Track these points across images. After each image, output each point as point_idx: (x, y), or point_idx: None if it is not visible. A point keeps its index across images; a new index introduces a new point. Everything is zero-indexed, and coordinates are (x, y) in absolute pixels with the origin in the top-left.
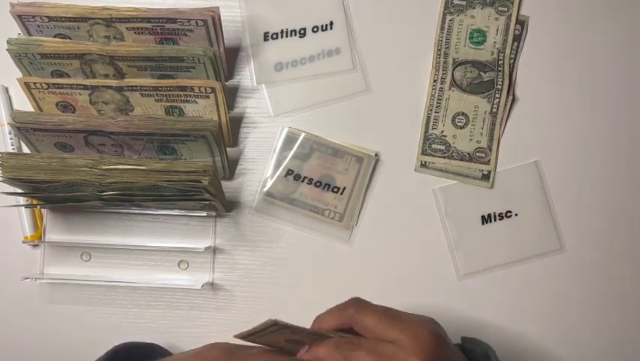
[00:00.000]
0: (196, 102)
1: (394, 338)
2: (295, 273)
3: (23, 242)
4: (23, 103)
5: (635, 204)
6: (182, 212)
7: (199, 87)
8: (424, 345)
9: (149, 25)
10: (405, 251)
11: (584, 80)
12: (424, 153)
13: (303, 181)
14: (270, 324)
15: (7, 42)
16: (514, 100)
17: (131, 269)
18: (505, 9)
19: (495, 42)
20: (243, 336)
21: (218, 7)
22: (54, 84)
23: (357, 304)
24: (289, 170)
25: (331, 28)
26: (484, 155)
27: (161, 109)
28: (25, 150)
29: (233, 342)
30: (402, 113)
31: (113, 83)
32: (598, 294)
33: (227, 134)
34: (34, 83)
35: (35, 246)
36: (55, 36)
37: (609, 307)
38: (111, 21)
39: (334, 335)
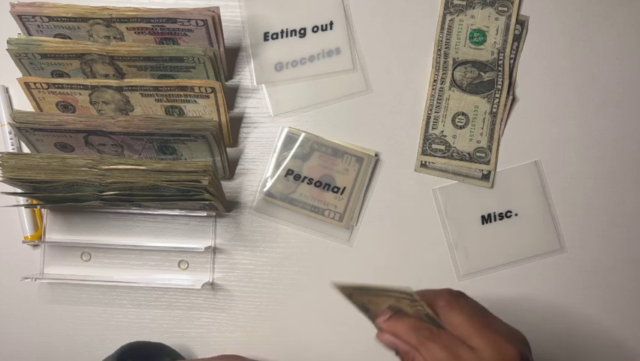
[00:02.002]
0: (196, 102)
1: (477, 345)
2: (295, 273)
3: (23, 242)
4: (23, 103)
5: (635, 203)
6: (182, 212)
7: (199, 87)
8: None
9: (149, 25)
10: (405, 251)
11: (583, 80)
12: (424, 153)
13: (303, 181)
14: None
15: (7, 42)
16: (514, 100)
17: (131, 269)
18: (505, 9)
19: (495, 42)
20: (348, 286)
21: (218, 7)
22: (54, 84)
23: (451, 296)
24: (289, 170)
25: (331, 28)
26: (484, 155)
27: (161, 109)
28: (25, 150)
29: (239, 353)
30: (402, 113)
31: (113, 83)
32: (598, 293)
33: (227, 134)
34: (34, 83)
35: (35, 246)
36: (55, 36)
37: (609, 307)
38: (111, 21)
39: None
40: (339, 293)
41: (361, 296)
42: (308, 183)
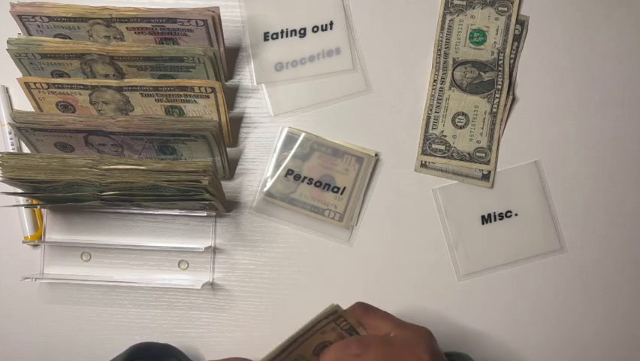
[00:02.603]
0: (196, 102)
1: (400, 333)
2: (295, 273)
3: (23, 242)
4: (23, 103)
5: (635, 203)
6: (182, 212)
7: (199, 87)
8: (426, 338)
9: (149, 25)
10: (405, 251)
11: (583, 80)
12: (424, 153)
13: (303, 181)
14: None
15: (7, 42)
16: (514, 100)
17: (131, 269)
18: (505, 9)
19: (495, 42)
20: (272, 358)
21: (218, 7)
22: (54, 84)
23: (362, 305)
24: (289, 170)
25: (331, 28)
26: (484, 155)
27: (161, 109)
28: (25, 150)
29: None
30: (402, 113)
31: (113, 83)
32: (598, 294)
33: (227, 134)
34: (34, 83)
35: (35, 246)
36: (55, 36)
37: (609, 307)
38: (111, 21)
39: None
40: None
41: (288, 357)
42: (308, 183)
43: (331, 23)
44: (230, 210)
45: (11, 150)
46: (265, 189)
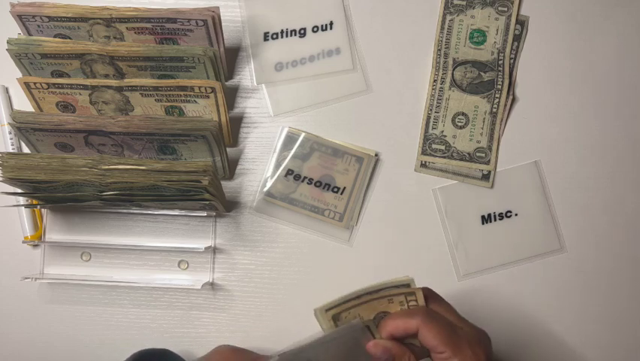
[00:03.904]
0: (196, 102)
1: (463, 326)
2: (295, 273)
3: (23, 242)
4: (23, 103)
5: (635, 203)
6: (182, 212)
7: (199, 87)
8: (485, 340)
9: (149, 25)
10: (405, 251)
11: (584, 80)
12: (424, 153)
13: (303, 181)
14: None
15: (7, 42)
16: (514, 100)
17: (131, 269)
18: (505, 9)
19: (495, 42)
20: (332, 307)
21: (218, 7)
22: (54, 84)
23: (430, 292)
24: (289, 170)
25: (331, 28)
26: (484, 155)
27: (161, 109)
28: (25, 150)
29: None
30: (402, 113)
31: (113, 83)
32: (598, 293)
33: (227, 134)
34: (34, 83)
35: (35, 246)
36: (55, 36)
37: (609, 307)
38: (111, 21)
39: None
40: (323, 320)
41: (349, 310)
42: (308, 183)
43: (331, 23)
44: (230, 210)
45: (11, 150)
46: (265, 189)
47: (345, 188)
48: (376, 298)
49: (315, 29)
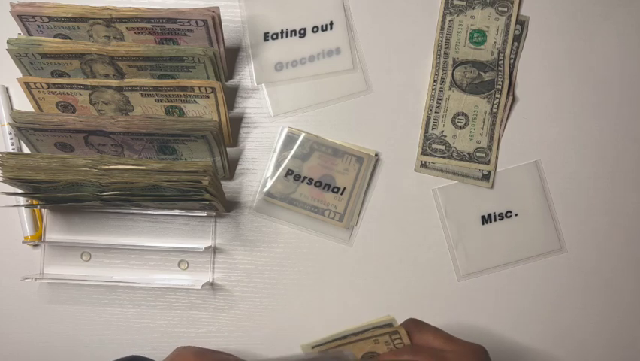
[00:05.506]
0: (196, 102)
1: (452, 349)
2: (295, 273)
3: (23, 242)
4: (23, 103)
5: (635, 203)
6: (182, 212)
7: (199, 87)
8: (480, 357)
9: (149, 25)
10: (405, 251)
11: (583, 80)
12: (424, 153)
13: (303, 181)
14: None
15: (7, 42)
16: (514, 100)
17: (131, 269)
18: (505, 9)
19: (495, 42)
20: (319, 345)
21: (218, 7)
22: (54, 84)
23: (415, 321)
24: (289, 170)
25: (331, 28)
26: (484, 155)
27: (161, 109)
28: (25, 150)
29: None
30: (402, 113)
31: (113, 83)
32: (598, 293)
33: (227, 134)
34: (34, 83)
35: (35, 246)
36: (55, 36)
37: (609, 307)
38: (111, 21)
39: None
40: (309, 352)
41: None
42: (308, 183)
43: (331, 23)
44: (230, 210)
45: (11, 150)
46: (265, 189)
47: (345, 188)
48: (361, 338)
49: (315, 29)
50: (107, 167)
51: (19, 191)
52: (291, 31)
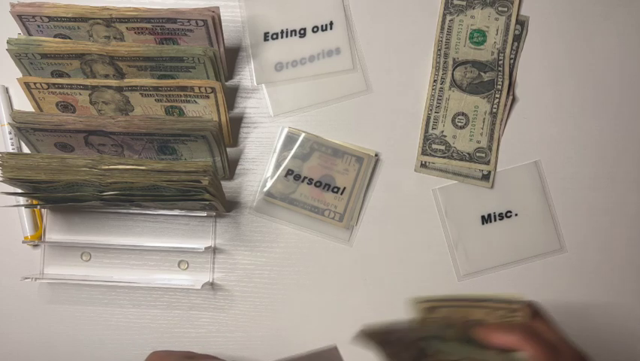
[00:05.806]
0: (196, 102)
1: (565, 349)
2: (295, 273)
3: (23, 242)
4: (23, 103)
5: (636, 203)
6: (182, 212)
7: (199, 87)
8: None
9: (149, 25)
10: (405, 251)
11: (583, 80)
12: (424, 153)
13: (303, 181)
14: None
15: (7, 42)
16: (514, 100)
17: (131, 269)
18: (505, 9)
19: (495, 42)
20: (431, 300)
21: (218, 7)
22: (54, 84)
23: (538, 307)
24: (289, 170)
25: (331, 28)
26: (484, 155)
27: (161, 109)
28: (25, 150)
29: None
30: (402, 113)
31: (113, 83)
32: (598, 294)
33: (227, 134)
34: (34, 83)
35: (35, 246)
36: (55, 36)
37: (609, 307)
38: (111, 21)
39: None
40: (418, 310)
41: (444, 310)
42: (308, 183)
43: (331, 23)
44: (230, 210)
45: (11, 150)
46: (265, 189)
47: (345, 188)
48: (476, 306)
49: (315, 29)
50: (107, 167)
51: (19, 191)
52: (291, 31)
